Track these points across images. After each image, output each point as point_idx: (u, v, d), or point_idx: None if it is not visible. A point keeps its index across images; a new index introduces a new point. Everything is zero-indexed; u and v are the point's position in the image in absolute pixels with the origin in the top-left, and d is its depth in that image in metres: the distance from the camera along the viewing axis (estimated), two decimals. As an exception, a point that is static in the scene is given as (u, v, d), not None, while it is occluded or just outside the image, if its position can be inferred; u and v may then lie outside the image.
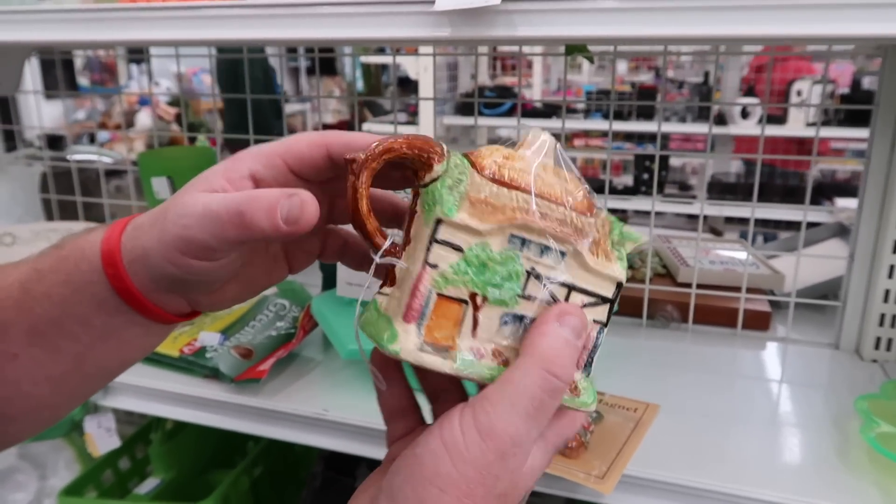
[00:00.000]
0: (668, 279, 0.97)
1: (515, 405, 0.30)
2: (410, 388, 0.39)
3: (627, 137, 3.84)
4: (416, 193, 0.34)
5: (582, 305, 0.33)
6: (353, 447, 0.68)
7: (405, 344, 0.32)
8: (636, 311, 0.91)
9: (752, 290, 0.89)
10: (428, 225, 0.32)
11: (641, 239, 0.35)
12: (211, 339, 0.78)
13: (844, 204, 2.21)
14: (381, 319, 0.33)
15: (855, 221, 0.80)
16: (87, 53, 4.49)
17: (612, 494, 0.56)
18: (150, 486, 0.93)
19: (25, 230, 1.06)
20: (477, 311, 0.32)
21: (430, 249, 0.32)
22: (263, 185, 0.34)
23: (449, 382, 0.38)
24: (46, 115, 1.50)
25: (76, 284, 0.34)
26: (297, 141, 0.35)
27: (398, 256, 0.33)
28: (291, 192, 0.31)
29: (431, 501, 0.29)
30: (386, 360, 0.38)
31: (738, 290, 0.87)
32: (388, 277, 0.34)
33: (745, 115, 2.96)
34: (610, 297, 0.34)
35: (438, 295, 0.32)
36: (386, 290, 0.33)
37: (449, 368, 0.32)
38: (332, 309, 0.76)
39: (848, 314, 0.82)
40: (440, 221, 0.32)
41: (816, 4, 0.42)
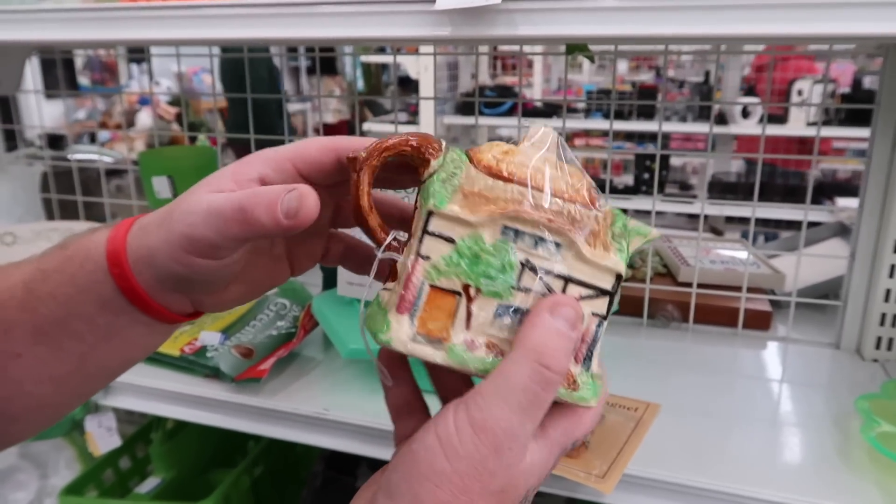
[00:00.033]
0: (668, 279, 0.97)
1: (508, 398, 0.30)
2: (417, 386, 0.39)
3: (628, 137, 3.84)
4: (418, 191, 0.34)
5: (579, 298, 0.33)
6: (353, 447, 0.68)
7: (397, 334, 0.32)
8: (637, 310, 0.91)
9: (752, 289, 0.89)
10: (421, 218, 0.32)
11: (652, 233, 0.34)
12: (211, 338, 0.78)
13: (845, 203, 2.21)
14: (379, 313, 0.33)
15: (856, 221, 0.80)
16: (87, 53, 4.50)
17: (612, 494, 0.56)
18: (150, 485, 0.93)
19: (26, 230, 1.06)
20: (471, 302, 0.32)
21: (422, 241, 0.32)
22: None
23: (462, 384, 0.38)
24: (47, 114, 1.50)
25: (81, 284, 0.34)
26: (306, 145, 0.35)
27: (400, 252, 0.33)
28: (291, 187, 0.31)
29: (427, 497, 0.29)
30: (393, 357, 0.38)
31: (738, 289, 0.87)
32: (390, 273, 0.34)
33: (745, 114, 2.96)
34: (609, 289, 0.33)
35: (431, 286, 0.32)
36: (388, 285, 0.34)
37: (440, 359, 0.32)
38: (332, 308, 0.76)
39: (849, 314, 0.82)
40: (431, 213, 0.32)
41: (817, 4, 0.42)
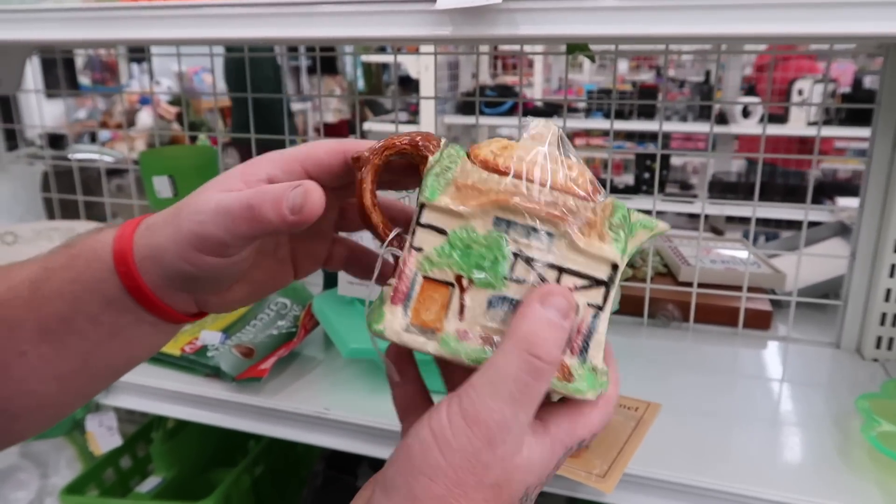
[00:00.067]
0: (669, 278, 0.97)
1: (499, 389, 0.30)
2: (425, 385, 0.39)
3: (628, 136, 3.84)
4: (419, 189, 0.34)
5: (574, 288, 0.32)
6: (354, 446, 0.68)
7: (390, 324, 0.32)
8: (637, 310, 0.91)
9: (753, 289, 0.89)
10: (415, 211, 0.33)
11: (658, 226, 0.34)
12: (212, 337, 0.79)
13: (846, 203, 2.21)
14: (377, 306, 0.34)
15: (856, 220, 0.80)
16: (87, 52, 4.50)
17: (613, 493, 0.56)
18: (151, 484, 0.93)
19: (27, 229, 1.06)
20: (463, 293, 0.32)
21: (414, 233, 0.33)
22: None
23: None
24: (48, 114, 1.50)
25: (87, 282, 0.34)
26: (315, 147, 0.35)
27: (402, 249, 0.34)
28: (297, 183, 0.32)
29: (421, 491, 0.29)
30: (400, 355, 0.38)
31: (739, 289, 0.86)
32: (394, 269, 0.35)
33: (746, 114, 2.96)
34: (604, 278, 0.32)
35: (424, 278, 0.32)
36: (391, 280, 0.34)
37: (432, 349, 0.32)
38: (333, 308, 0.76)
39: (849, 313, 0.82)
40: (423, 206, 0.32)
41: (817, 3, 0.42)
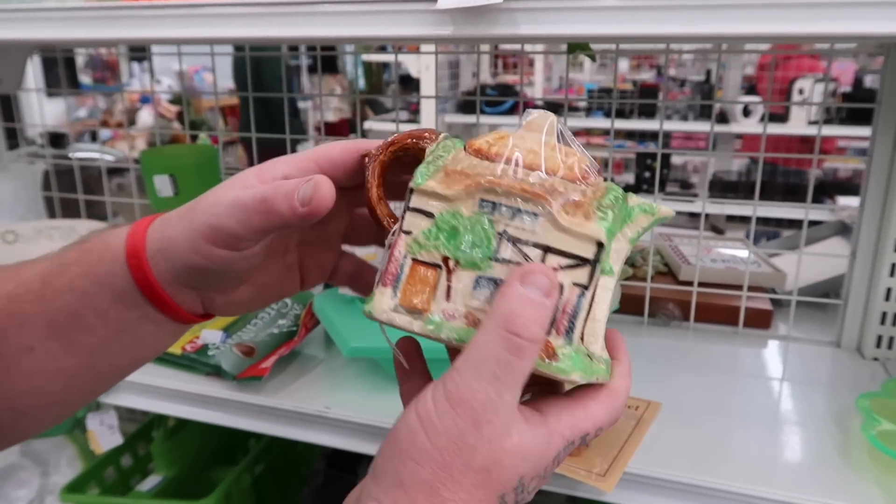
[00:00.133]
0: (669, 277, 0.97)
1: (480, 368, 0.29)
2: (432, 379, 0.39)
3: (629, 136, 3.85)
4: None
5: (558, 267, 0.32)
6: (354, 444, 0.68)
7: (379, 304, 0.33)
8: (638, 309, 0.91)
9: (753, 288, 0.89)
10: (406, 197, 0.34)
11: (660, 211, 0.34)
12: (213, 336, 0.79)
13: (846, 202, 2.21)
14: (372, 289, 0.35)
15: (856, 219, 0.80)
16: (88, 51, 4.50)
17: (613, 492, 0.56)
18: (151, 483, 0.93)
19: (28, 228, 1.06)
20: (450, 274, 0.33)
21: (403, 217, 0.34)
22: None
23: None
24: (48, 113, 1.50)
25: (97, 275, 0.35)
26: (330, 146, 0.37)
27: None
28: (308, 178, 0.33)
29: (408, 475, 0.29)
30: (408, 350, 0.38)
31: (739, 288, 0.87)
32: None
33: (746, 113, 2.96)
34: (589, 257, 0.32)
35: (413, 260, 0.33)
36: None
37: (418, 328, 0.33)
38: (333, 307, 0.76)
39: (849, 312, 0.82)
40: (412, 191, 0.33)
41: (818, 3, 0.42)
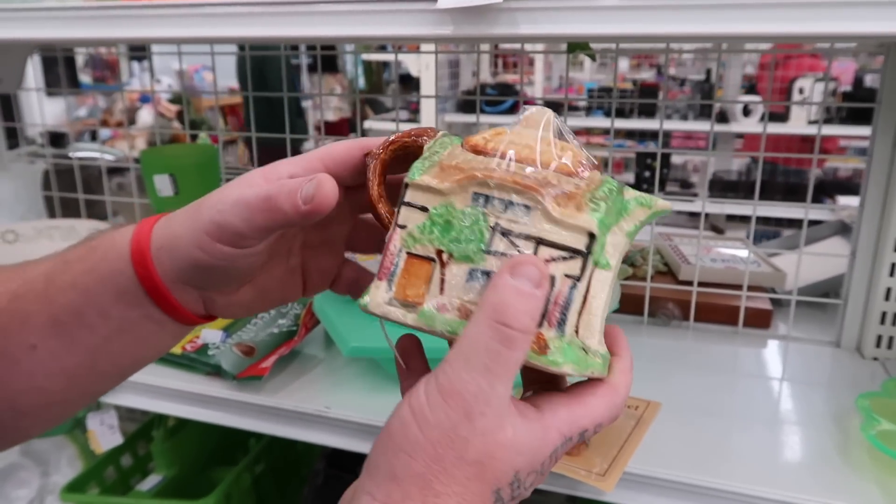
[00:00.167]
0: (669, 277, 0.97)
1: (471, 360, 0.30)
2: None
3: (629, 135, 3.85)
4: None
5: (550, 259, 0.32)
6: (355, 444, 0.68)
7: (374, 298, 0.33)
8: (637, 308, 0.91)
9: (753, 287, 0.89)
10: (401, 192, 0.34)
11: (657, 204, 0.34)
12: (213, 336, 0.79)
13: (846, 202, 2.21)
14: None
15: (856, 219, 0.80)
16: (88, 51, 4.49)
17: (613, 492, 0.56)
18: (152, 482, 0.93)
19: (28, 227, 1.06)
20: (444, 268, 0.33)
21: (399, 212, 0.34)
22: None
23: None
24: (48, 112, 1.50)
25: (101, 273, 0.35)
26: (335, 145, 0.37)
27: None
28: (312, 176, 0.33)
29: (401, 468, 0.29)
30: (409, 348, 0.38)
31: (739, 287, 0.87)
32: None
33: (746, 112, 2.96)
34: (581, 248, 0.32)
35: (408, 254, 0.33)
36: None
37: (412, 321, 0.33)
38: (333, 307, 0.76)
39: (849, 312, 0.82)
40: (407, 185, 0.34)
41: (818, 3, 0.42)
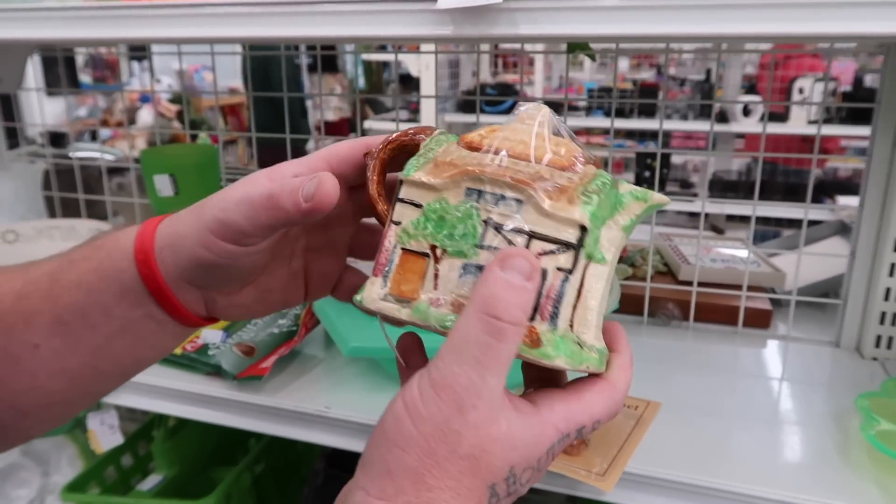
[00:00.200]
0: (669, 277, 0.97)
1: (461, 352, 0.30)
2: None
3: (629, 135, 3.85)
4: None
5: (542, 253, 0.32)
6: (355, 444, 0.68)
7: (369, 293, 0.34)
8: (637, 308, 0.91)
9: (753, 288, 0.89)
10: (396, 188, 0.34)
11: (653, 198, 0.34)
12: (213, 336, 0.79)
13: (846, 202, 2.21)
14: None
15: (856, 219, 0.80)
16: (88, 51, 4.49)
17: (612, 492, 0.56)
18: (152, 482, 0.93)
19: (28, 227, 1.06)
20: (437, 263, 0.33)
21: (394, 208, 0.34)
22: None
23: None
24: (48, 112, 1.50)
25: (105, 271, 0.36)
26: (339, 145, 0.38)
27: None
28: (314, 175, 0.34)
29: (395, 463, 0.29)
30: (410, 346, 0.38)
31: (739, 288, 0.87)
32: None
33: (746, 112, 2.96)
34: (572, 241, 0.32)
35: (403, 250, 0.34)
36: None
37: (406, 316, 0.33)
38: (334, 307, 0.76)
39: (849, 312, 0.82)
40: (402, 182, 0.34)
41: (818, 3, 0.42)
